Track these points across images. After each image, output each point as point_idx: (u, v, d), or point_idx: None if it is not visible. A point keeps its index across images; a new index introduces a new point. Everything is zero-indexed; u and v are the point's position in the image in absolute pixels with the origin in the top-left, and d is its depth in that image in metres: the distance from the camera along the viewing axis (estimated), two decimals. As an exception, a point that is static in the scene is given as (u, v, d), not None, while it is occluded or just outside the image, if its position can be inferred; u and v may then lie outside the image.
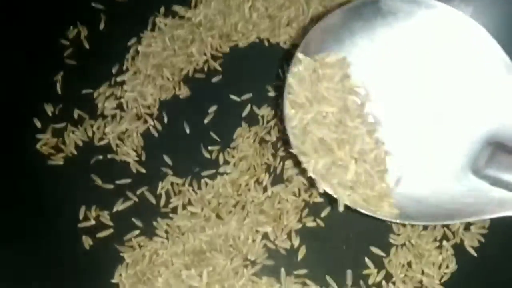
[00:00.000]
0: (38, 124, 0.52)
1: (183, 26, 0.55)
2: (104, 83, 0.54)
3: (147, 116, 0.53)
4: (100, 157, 0.51)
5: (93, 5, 0.56)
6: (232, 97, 0.53)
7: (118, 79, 0.54)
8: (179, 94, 0.54)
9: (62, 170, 0.51)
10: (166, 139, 0.52)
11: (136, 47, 0.55)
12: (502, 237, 0.47)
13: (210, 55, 0.55)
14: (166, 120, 0.53)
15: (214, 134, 0.52)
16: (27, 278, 0.47)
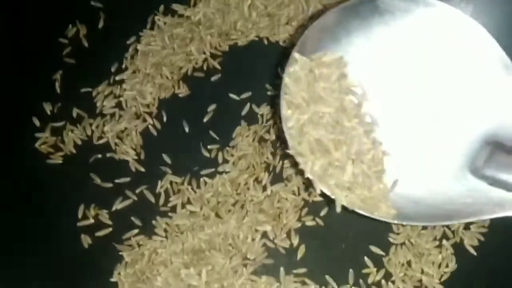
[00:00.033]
0: (37, 123, 0.52)
1: (182, 24, 0.55)
2: (103, 82, 0.54)
3: (146, 114, 0.53)
4: (99, 156, 0.51)
5: (92, 3, 0.56)
6: (231, 95, 0.53)
7: (117, 78, 0.54)
8: (178, 93, 0.54)
9: (61, 169, 0.51)
10: (165, 138, 0.52)
11: (135, 46, 0.55)
12: (502, 236, 0.47)
13: (209, 54, 0.54)
14: (165, 119, 0.53)
15: (213, 133, 0.52)
16: (26, 277, 0.47)
